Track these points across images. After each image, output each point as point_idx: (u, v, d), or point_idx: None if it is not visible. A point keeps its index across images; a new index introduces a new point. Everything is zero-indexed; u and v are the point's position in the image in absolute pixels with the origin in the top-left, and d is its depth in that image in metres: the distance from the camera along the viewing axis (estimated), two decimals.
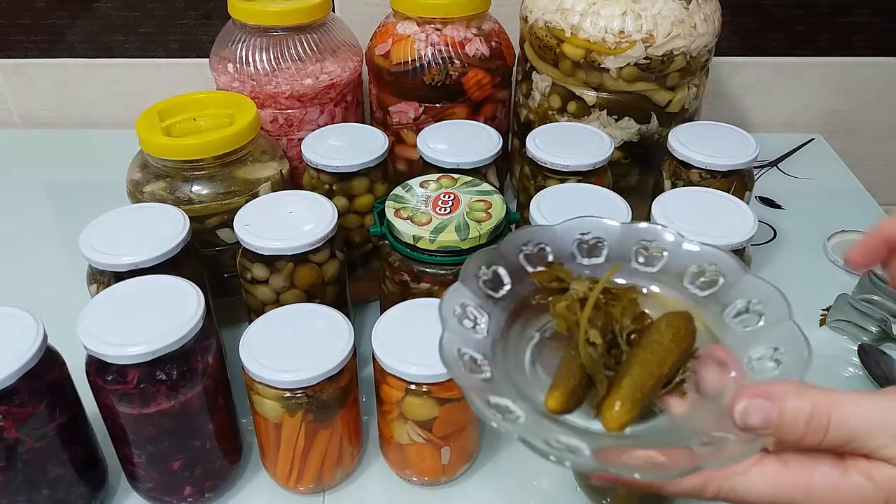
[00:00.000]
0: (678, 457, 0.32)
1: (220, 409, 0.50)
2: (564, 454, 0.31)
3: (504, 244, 0.42)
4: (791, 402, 0.30)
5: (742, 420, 0.31)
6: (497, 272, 0.41)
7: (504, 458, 0.55)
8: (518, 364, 0.38)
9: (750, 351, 0.37)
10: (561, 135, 0.68)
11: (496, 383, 0.35)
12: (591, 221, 0.43)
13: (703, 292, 0.41)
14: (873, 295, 0.66)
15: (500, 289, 0.41)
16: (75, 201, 0.85)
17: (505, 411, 0.33)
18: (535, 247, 0.42)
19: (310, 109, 0.72)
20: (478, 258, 0.41)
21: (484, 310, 0.39)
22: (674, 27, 0.66)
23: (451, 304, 0.38)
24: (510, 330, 0.40)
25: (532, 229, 0.43)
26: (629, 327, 0.37)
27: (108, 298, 0.48)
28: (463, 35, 0.73)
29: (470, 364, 0.35)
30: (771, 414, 0.30)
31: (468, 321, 0.38)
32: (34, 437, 0.44)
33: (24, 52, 0.96)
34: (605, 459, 0.31)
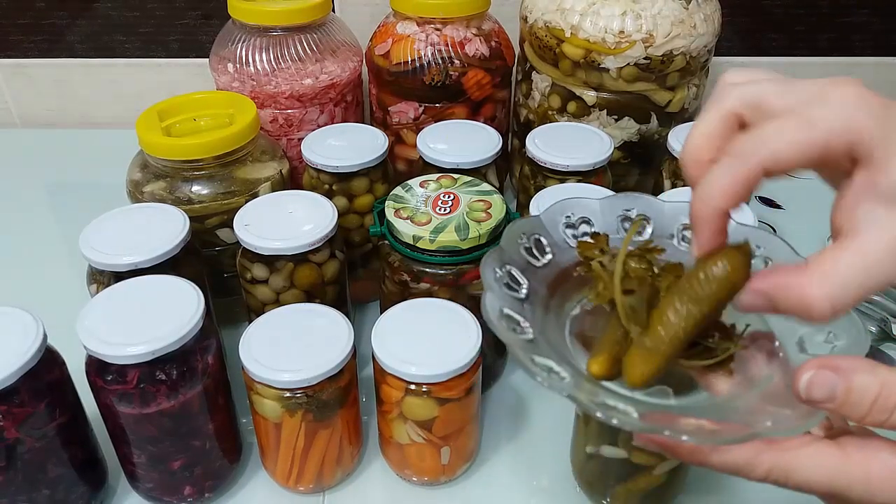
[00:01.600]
0: (730, 427, 0.30)
1: (220, 409, 0.50)
2: (613, 413, 0.30)
3: (547, 214, 0.41)
4: (861, 377, 0.29)
5: (806, 391, 0.29)
6: (540, 240, 0.40)
7: (504, 458, 0.55)
8: (559, 334, 0.38)
9: (801, 331, 0.36)
10: (561, 135, 0.68)
11: (539, 346, 0.34)
12: (636, 197, 0.42)
13: None
14: (873, 295, 0.66)
15: (542, 257, 0.40)
16: (75, 201, 0.85)
17: (550, 371, 0.32)
18: (577, 218, 0.41)
19: (310, 109, 0.72)
20: (520, 224, 0.40)
21: (525, 276, 0.38)
22: (674, 27, 0.66)
23: (493, 265, 0.37)
24: (551, 300, 0.39)
25: (575, 201, 0.42)
26: None
27: (108, 298, 0.48)
28: (463, 35, 0.73)
29: (513, 324, 0.34)
30: (837, 388, 0.29)
31: (510, 284, 0.37)
32: (34, 437, 0.44)
33: (24, 52, 0.96)
34: (656, 422, 0.30)
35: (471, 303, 0.53)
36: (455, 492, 0.53)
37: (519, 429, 0.58)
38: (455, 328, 0.49)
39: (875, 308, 0.64)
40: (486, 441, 0.56)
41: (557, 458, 0.54)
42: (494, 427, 0.58)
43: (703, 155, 0.31)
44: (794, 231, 0.80)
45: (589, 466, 0.51)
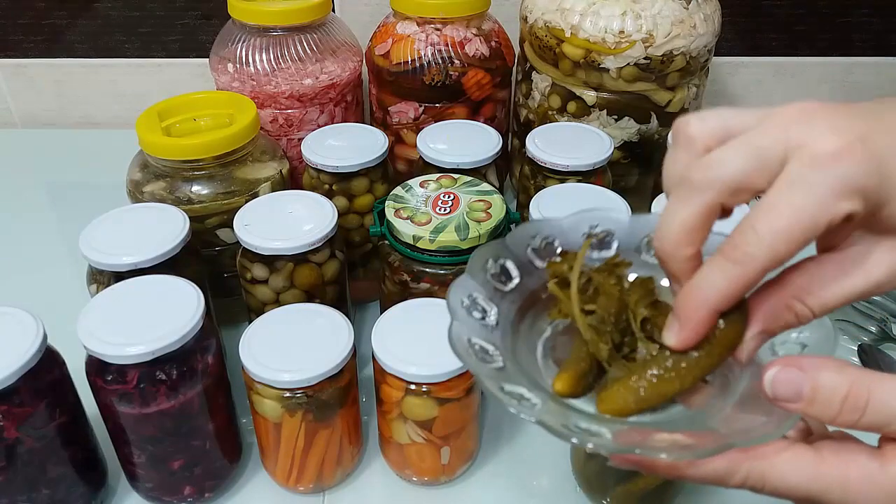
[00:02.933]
0: (704, 438, 0.30)
1: (220, 408, 0.50)
2: (586, 436, 0.30)
3: (512, 237, 0.41)
4: (827, 375, 0.28)
5: (772, 389, 0.29)
6: (505, 265, 0.40)
7: (504, 458, 0.55)
8: (530, 358, 0.38)
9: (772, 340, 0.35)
10: (561, 135, 0.68)
11: (509, 373, 0.34)
12: (600, 214, 0.42)
13: None
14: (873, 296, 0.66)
15: (509, 282, 0.39)
16: (75, 201, 0.85)
17: (520, 398, 0.32)
18: (542, 240, 0.41)
19: (310, 109, 0.72)
20: (485, 251, 0.40)
21: (493, 302, 0.38)
22: (674, 27, 0.66)
23: (459, 295, 0.37)
24: (520, 324, 0.39)
25: (540, 223, 0.42)
26: (643, 314, 0.36)
27: (108, 298, 0.48)
28: (463, 35, 0.73)
29: (481, 354, 0.34)
30: (803, 386, 0.28)
31: (477, 312, 0.37)
32: (34, 437, 0.44)
33: (24, 52, 0.96)
34: (628, 441, 0.30)
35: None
36: (455, 492, 0.53)
37: (519, 429, 0.58)
38: None
39: (875, 308, 0.64)
40: (486, 441, 0.56)
41: (557, 458, 0.54)
42: (494, 427, 0.58)
43: (686, 251, 0.30)
44: None
45: (589, 466, 0.51)
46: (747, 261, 0.28)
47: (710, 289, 0.29)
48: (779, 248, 0.27)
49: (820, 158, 0.27)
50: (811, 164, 0.27)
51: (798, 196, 0.27)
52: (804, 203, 0.27)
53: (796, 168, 0.27)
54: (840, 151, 0.26)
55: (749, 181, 0.28)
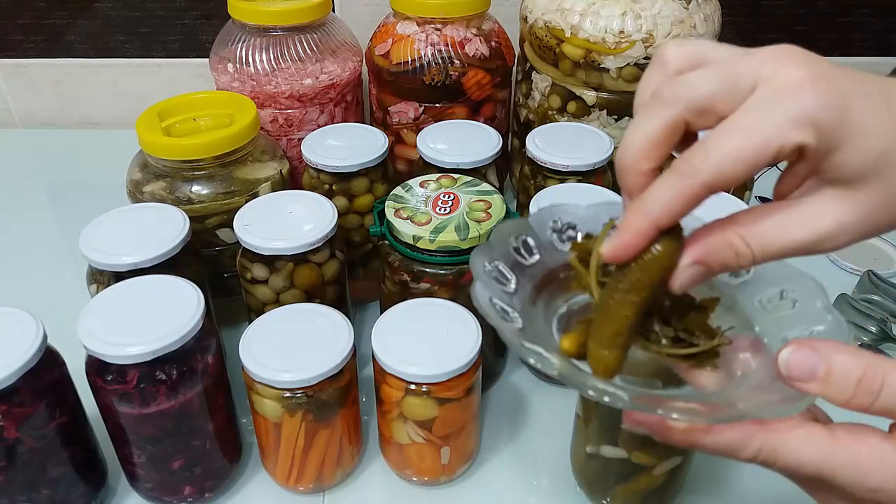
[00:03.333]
0: (720, 409, 0.30)
1: (220, 409, 0.50)
2: (605, 392, 0.30)
3: (534, 218, 0.41)
4: (841, 357, 0.28)
5: (786, 368, 0.29)
6: (527, 241, 0.40)
7: (504, 458, 0.55)
8: (546, 330, 0.38)
9: (786, 332, 0.36)
10: (561, 135, 0.68)
11: (528, 334, 0.35)
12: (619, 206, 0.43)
13: (736, 280, 0.40)
14: (873, 295, 0.66)
15: (530, 257, 0.40)
16: (75, 201, 0.85)
17: (539, 356, 0.32)
18: (564, 224, 0.42)
19: (310, 109, 0.72)
20: (508, 226, 0.40)
21: (513, 272, 0.38)
22: (673, 27, 0.66)
23: (482, 259, 0.37)
24: (537, 299, 0.39)
25: (561, 207, 0.42)
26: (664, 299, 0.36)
27: (108, 298, 0.48)
28: (463, 35, 0.73)
29: (502, 314, 0.35)
30: (818, 367, 0.28)
31: (498, 277, 0.37)
32: (34, 437, 0.44)
33: (24, 52, 0.96)
34: (645, 402, 0.30)
35: (471, 303, 0.53)
36: (455, 492, 0.53)
37: (519, 429, 0.58)
38: (455, 328, 0.49)
39: (875, 308, 0.64)
40: (486, 441, 0.56)
41: (557, 458, 0.54)
42: (494, 427, 0.58)
43: (644, 164, 0.30)
44: None
45: (589, 466, 0.51)
46: (693, 174, 0.28)
47: (654, 200, 0.29)
48: (725, 165, 0.27)
49: (783, 88, 0.27)
50: (773, 92, 0.27)
51: (752, 119, 0.27)
52: (757, 126, 0.27)
53: (759, 94, 0.28)
54: (803, 83, 0.27)
55: (716, 103, 0.28)
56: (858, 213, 0.29)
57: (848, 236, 0.29)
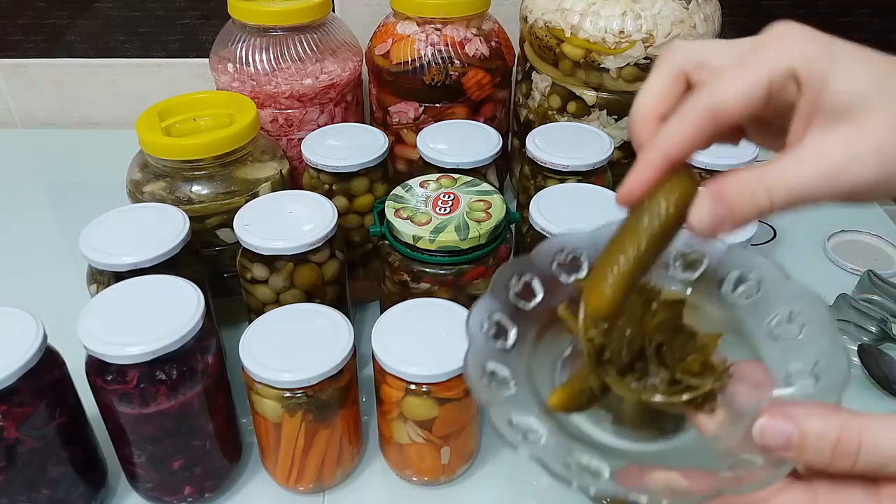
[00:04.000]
0: (700, 480, 0.30)
1: (220, 409, 0.50)
2: (584, 478, 0.30)
3: (538, 252, 0.41)
4: (813, 423, 0.28)
5: (761, 438, 0.29)
6: (529, 283, 0.40)
7: (504, 458, 0.55)
8: (549, 377, 0.37)
9: (790, 364, 0.35)
10: (561, 135, 0.68)
11: (521, 399, 0.34)
12: None
13: (744, 301, 0.39)
14: (873, 295, 0.66)
15: (532, 299, 0.39)
16: (75, 201, 0.85)
17: (526, 433, 0.32)
18: (568, 255, 0.41)
19: (310, 109, 0.72)
20: (508, 268, 0.39)
21: (514, 321, 0.38)
22: (674, 27, 0.66)
23: (479, 317, 0.37)
24: (541, 341, 0.39)
25: (567, 237, 0.42)
26: (659, 339, 0.35)
27: (108, 298, 0.48)
28: (463, 35, 0.73)
29: (495, 381, 0.34)
30: (791, 434, 0.28)
31: (496, 334, 0.37)
32: (34, 437, 0.44)
33: (24, 52, 0.96)
34: (625, 482, 0.30)
35: (471, 303, 0.53)
36: (455, 492, 0.53)
37: None
38: (455, 328, 0.49)
39: (875, 308, 0.64)
40: (486, 441, 0.56)
41: None
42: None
43: (652, 112, 0.32)
44: (794, 231, 0.80)
45: None
46: (695, 104, 0.30)
47: (662, 136, 0.31)
48: (725, 97, 0.29)
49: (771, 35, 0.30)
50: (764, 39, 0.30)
51: (748, 59, 0.30)
52: (751, 61, 0.30)
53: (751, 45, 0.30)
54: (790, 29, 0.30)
55: (711, 57, 0.31)
56: (866, 141, 0.28)
57: (863, 167, 0.28)
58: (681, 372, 0.34)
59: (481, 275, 0.54)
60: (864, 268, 0.70)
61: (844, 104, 0.28)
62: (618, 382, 0.34)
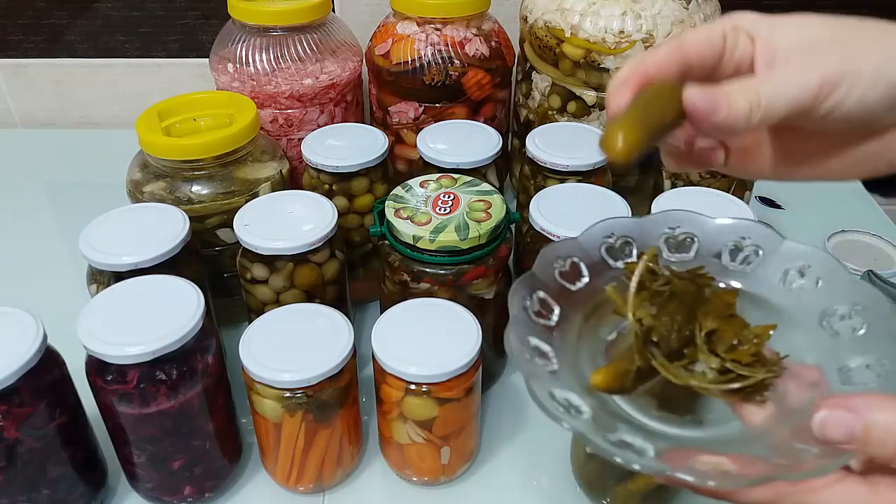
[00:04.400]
0: (750, 465, 0.29)
1: (220, 409, 0.50)
2: (628, 455, 0.29)
3: (587, 235, 0.40)
4: (879, 415, 0.27)
5: (821, 431, 0.28)
6: (576, 264, 0.39)
7: (504, 458, 0.55)
8: (591, 361, 0.37)
9: (847, 359, 0.35)
10: (561, 135, 0.68)
11: (563, 377, 0.34)
12: (681, 215, 0.41)
13: (800, 293, 0.39)
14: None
15: (578, 281, 0.39)
16: (75, 201, 0.85)
17: (568, 406, 0.32)
18: (618, 239, 0.41)
19: (310, 109, 0.72)
20: (556, 248, 0.39)
21: (558, 301, 0.37)
22: (674, 27, 0.66)
23: (522, 292, 0.36)
24: (586, 324, 0.38)
25: (618, 221, 0.41)
26: (710, 326, 0.35)
27: (108, 298, 0.48)
28: (463, 35, 0.73)
29: (537, 355, 0.34)
30: (854, 427, 0.28)
31: (539, 312, 0.36)
32: (34, 437, 0.44)
33: (24, 52, 0.96)
34: (671, 462, 0.29)
35: (471, 303, 0.53)
36: (455, 492, 0.53)
37: (519, 429, 0.58)
38: (455, 328, 0.49)
39: None
40: (486, 441, 0.56)
41: (557, 458, 0.54)
42: (494, 427, 0.58)
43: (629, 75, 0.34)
44: (794, 231, 0.80)
45: (589, 466, 0.51)
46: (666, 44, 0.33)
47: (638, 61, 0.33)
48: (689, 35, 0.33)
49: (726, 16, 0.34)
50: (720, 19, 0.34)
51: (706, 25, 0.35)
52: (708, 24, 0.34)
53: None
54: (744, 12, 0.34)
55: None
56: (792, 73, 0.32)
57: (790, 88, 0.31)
58: (731, 361, 0.34)
59: (481, 275, 0.54)
60: (864, 268, 0.70)
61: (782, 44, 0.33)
62: (665, 365, 0.34)
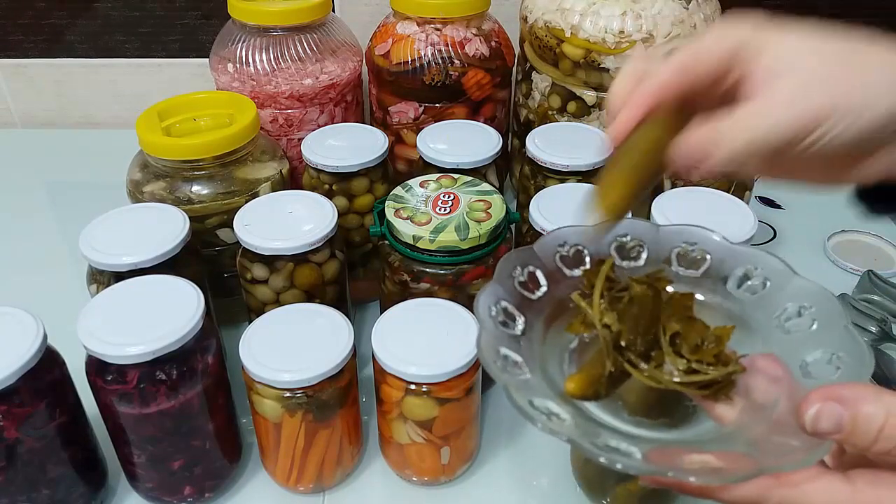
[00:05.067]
0: (736, 461, 0.30)
1: (220, 409, 0.50)
2: (616, 456, 0.30)
3: (539, 245, 0.41)
4: (866, 406, 0.29)
5: (812, 424, 0.30)
6: (533, 273, 0.40)
7: (504, 458, 0.55)
8: (558, 368, 0.38)
9: (804, 355, 0.36)
10: (561, 135, 0.68)
11: (535, 386, 0.34)
12: (630, 224, 0.42)
13: (750, 296, 0.40)
14: (873, 295, 0.66)
15: (537, 290, 0.40)
16: (75, 201, 0.85)
17: (549, 414, 0.32)
18: (571, 248, 0.41)
19: (310, 109, 0.72)
20: (513, 258, 0.40)
21: (520, 311, 0.38)
22: (674, 27, 0.66)
23: (487, 302, 0.37)
24: (547, 333, 0.39)
25: (568, 230, 0.42)
26: (674, 328, 0.36)
27: (108, 298, 0.48)
28: (463, 35, 0.73)
29: (509, 365, 0.34)
30: (843, 418, 0.29)
31: (504, 321, 0.37)
32: (34, 437, 0.44)
33: (24, 52, 0.96)
34: (659, 462, 0.30)
35: (471, 303, 0.53)
36: (455, 492, 0.53)
37: (519, 429, 0.58)
38: (455, 328, 0.49)
39: (875, 308, 0.64)
40: (486, 441, 0.56)
41: (557, 458, 0.54)
42: (494, 427, 0.58)
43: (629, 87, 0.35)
44: (794, 231, 0.80)
45: (589, 466, 0.51)
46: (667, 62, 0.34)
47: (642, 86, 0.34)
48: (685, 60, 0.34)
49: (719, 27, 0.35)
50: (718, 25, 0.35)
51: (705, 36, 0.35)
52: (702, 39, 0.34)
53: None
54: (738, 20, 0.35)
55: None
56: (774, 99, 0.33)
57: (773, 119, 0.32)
58: (696, 362, 0.34)
59: (481, 275, 0.54)
60: (864, 268, 0.70)
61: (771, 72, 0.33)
62: (639, 368, 0.34)
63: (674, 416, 0.36)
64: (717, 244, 0.42)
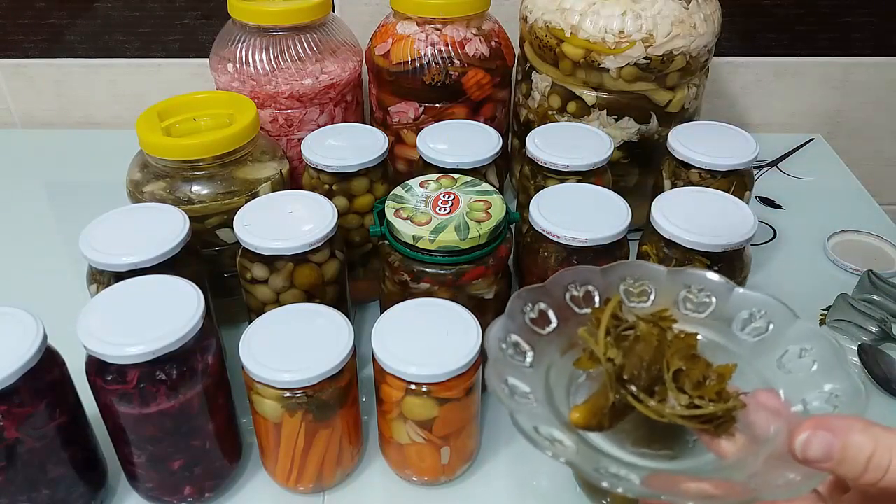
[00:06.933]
0: (731, 488, 0.31)
1: (220, 409, 0.50)
2: (615, 481, 0.31)
3: (551, 283, 0.43)
4: (855, 436, 0.30)
5: (803, 451, 0.30)
6: (544, 311, 0.42)
7: (504, 458, 0.55)
8: (565, 400, 0.39)
9: (805, 394, 0.37)
10: (561, 135, 0.68)
11: (542, 415, 0.36)
12: (638, 266, 0.44)
13: (753, 339, 0.42)
14: (873, 295, 0.66)
15: (547, 326, 0.42)
16: (75, 201, 0.85)
17: (553, 440, 0.34)
18: (581, 288, 0.44)
19: (310, 109, 0.72)
20: (523, 296, 0.41)
21: (531, 345, 0.40)
22: (674, 27, 0.66)
23: (498, 335, 0.39)
24: (557, 366, 0.41)
25: (578, 270, 0.44)
26: (678, 365, 0.37)
27: (108, 298, 0.48)
28: (463, 35, 0.73)
29: (516, 393, 0.36)
30: (833, 447, 0.30)
31: (514, 354, 0.39)
32: (34, 437, 0.44)
33: (24, 52, 0.96)
34: (657, 487, 0.31)
35: (471, 303, 0.53)
36: (455, 492, 0.53)
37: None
38: (455, 328, 0.49)
39: (875, 308, 0.64)
40: (486, 441, 0.56)
41: None
42: (494, 427, 0.58)
43: None
44: (794, 231, 0.80)
45: None
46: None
47: None
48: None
49: None
50: None
51: None
52: None
53: None
54: None
55: None
56: None
57: None
58: (698, 398, 0.36)
59: (481, 275, 0.54)
60: (864, 268, 0.70)
61: None
62: (641, 400, 0.36)
63: (675, 449, 0.38)
64: (721, 288, 0.44)
